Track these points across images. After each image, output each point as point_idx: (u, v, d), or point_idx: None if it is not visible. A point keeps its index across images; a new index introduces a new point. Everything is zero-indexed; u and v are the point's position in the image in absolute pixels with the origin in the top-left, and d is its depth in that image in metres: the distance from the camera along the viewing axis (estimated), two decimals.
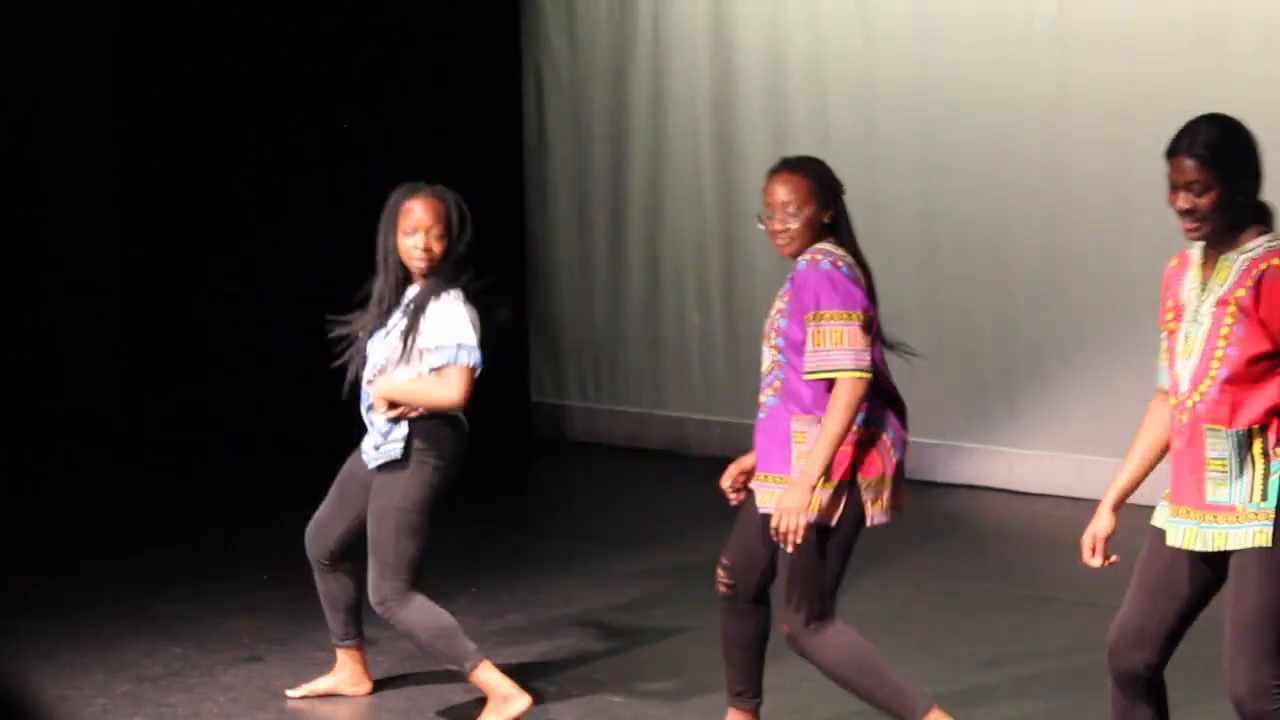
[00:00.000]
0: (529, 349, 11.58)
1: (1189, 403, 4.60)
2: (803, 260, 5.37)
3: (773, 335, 5.40)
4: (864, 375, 5.25)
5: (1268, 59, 8.86)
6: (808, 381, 5.31)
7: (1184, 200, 4.57)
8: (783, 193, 5.35)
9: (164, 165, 10.74)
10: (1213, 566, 4.64)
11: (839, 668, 5.45)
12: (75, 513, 9.44)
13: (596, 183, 11.35)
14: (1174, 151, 4.59)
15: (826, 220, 5.38)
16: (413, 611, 6.02)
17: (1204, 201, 4.56)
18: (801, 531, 5.20)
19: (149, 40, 10.68)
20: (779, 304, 5.42)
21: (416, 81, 11.18)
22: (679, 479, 10.38)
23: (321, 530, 6.30)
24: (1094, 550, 4.79)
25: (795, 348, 5.34)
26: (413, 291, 6.04)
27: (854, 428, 5.26)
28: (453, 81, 11.31)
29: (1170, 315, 4.69)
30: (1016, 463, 9.74)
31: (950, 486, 9.81)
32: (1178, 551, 4.64)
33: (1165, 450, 4.73)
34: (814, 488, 5.22)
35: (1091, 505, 4.84)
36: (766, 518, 5.35)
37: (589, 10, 11.30)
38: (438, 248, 5.98)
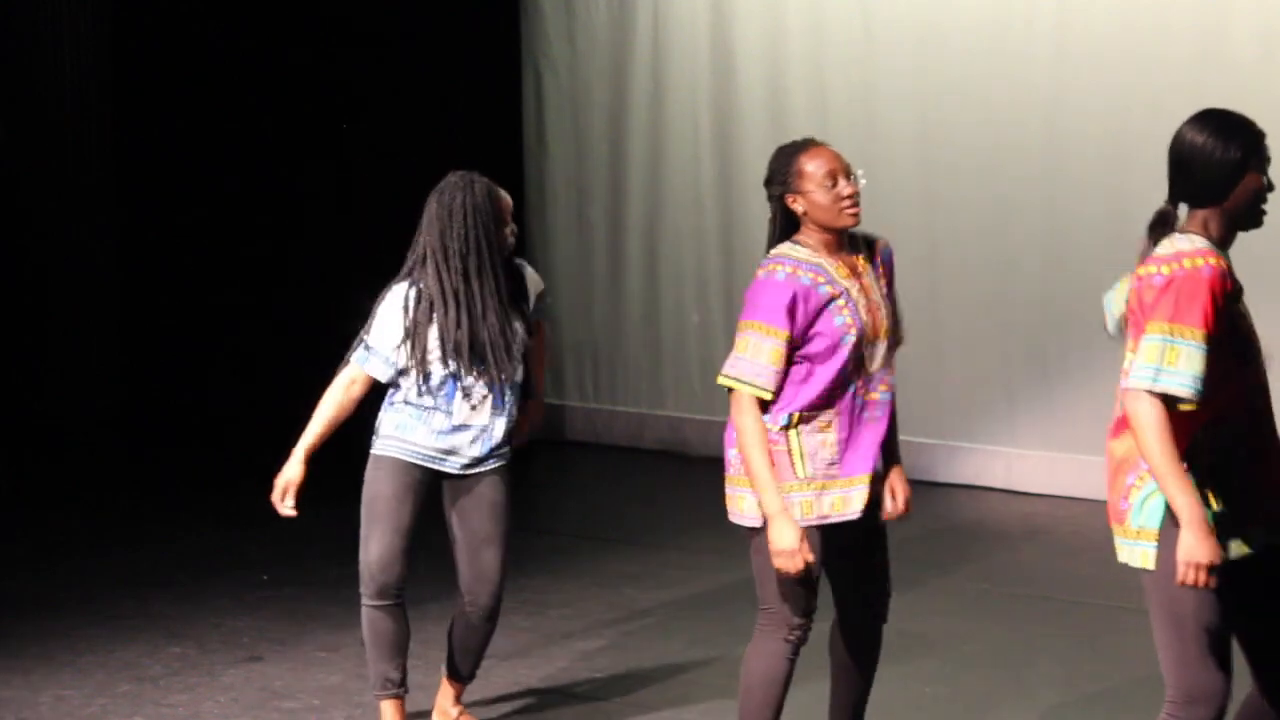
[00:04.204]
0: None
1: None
2: (885, 247, 5.31)
3: (892, 322, 5.21)
4: None
5: (1270, 61, 8.85)
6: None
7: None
8: (836, 160, 5.18)
9: (163, 165, 10.74)
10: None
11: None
12: (75, 513, 9.43)
13: (596, 183, 11.35)
14: (1262, 133, 4.51)
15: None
16: None
17: None
18: None
19: (149, 41, 10.67)
20: (877, 289, 5.20)
21: (417, 81, 11.18)
22: (679, 479, 10.38)
23: (403, 559, 5.87)
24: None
25: None
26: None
27: None
28: (453, 81, 11.32)
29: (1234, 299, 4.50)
30: (1016, 463, 9.74)
31: (950, 486, 9.81)
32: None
33: None
34: None
35: (1091, 505, 4.84)
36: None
37: (589, 11, 11.30)
38: None
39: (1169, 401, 4.41)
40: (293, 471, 5.79)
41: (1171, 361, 4.44)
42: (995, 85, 9.65)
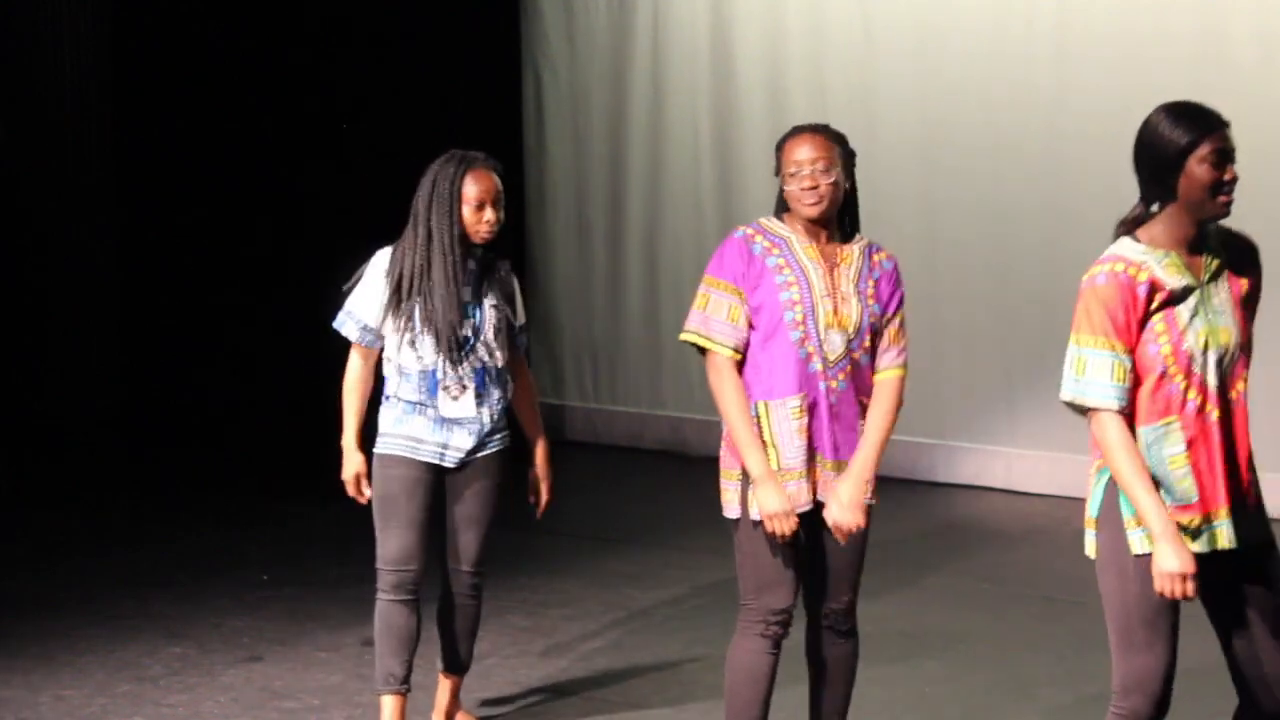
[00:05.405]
0: (528, 349, 11.60)
1: (1231, 396, 4.44)
2: (887, 260, 5.27)
3: (861, 319, 5.15)
4: None
5: (1270, 62, 8.86)
6: (869, 369, 5.19)
7: (1233, 171, 4.42)
8: (809, 150, 5.17)
9: (163, 165, 10.74)
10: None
11: (854, 656, 5.40)
12: (75, 513, 9.43)
13: (596, 183, 11.35)
14: (1220, 124, 4.43)
15: (848, 188, 5.27)
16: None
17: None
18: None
19: (149, 41, 10.67)
20: (851, 283, 5.17)
21: (417, 81, 11.18)
22: (678, 479, 10.38)
23: (420, 554, 5.86)
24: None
25: (870, 335, 5.20)
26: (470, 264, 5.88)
27: None
28: (453, 81, 11.32)
29: (1159, 304, 4.44)
30: (1016, 463, 9.74)
31: (950, 486, 9.81)
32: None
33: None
34: None
35: None
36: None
37: (588, 12, 11.30)
38: (501, 216, 5.90)
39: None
40: (355, 462, 5.88)
41: (1081, 372, 4.57)
42: (995, 85, 9.66)
